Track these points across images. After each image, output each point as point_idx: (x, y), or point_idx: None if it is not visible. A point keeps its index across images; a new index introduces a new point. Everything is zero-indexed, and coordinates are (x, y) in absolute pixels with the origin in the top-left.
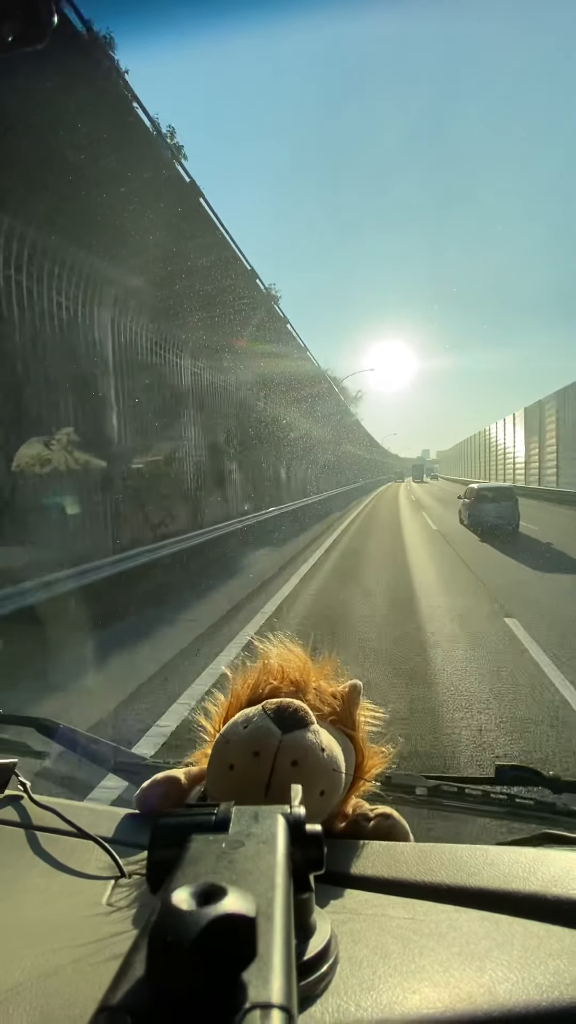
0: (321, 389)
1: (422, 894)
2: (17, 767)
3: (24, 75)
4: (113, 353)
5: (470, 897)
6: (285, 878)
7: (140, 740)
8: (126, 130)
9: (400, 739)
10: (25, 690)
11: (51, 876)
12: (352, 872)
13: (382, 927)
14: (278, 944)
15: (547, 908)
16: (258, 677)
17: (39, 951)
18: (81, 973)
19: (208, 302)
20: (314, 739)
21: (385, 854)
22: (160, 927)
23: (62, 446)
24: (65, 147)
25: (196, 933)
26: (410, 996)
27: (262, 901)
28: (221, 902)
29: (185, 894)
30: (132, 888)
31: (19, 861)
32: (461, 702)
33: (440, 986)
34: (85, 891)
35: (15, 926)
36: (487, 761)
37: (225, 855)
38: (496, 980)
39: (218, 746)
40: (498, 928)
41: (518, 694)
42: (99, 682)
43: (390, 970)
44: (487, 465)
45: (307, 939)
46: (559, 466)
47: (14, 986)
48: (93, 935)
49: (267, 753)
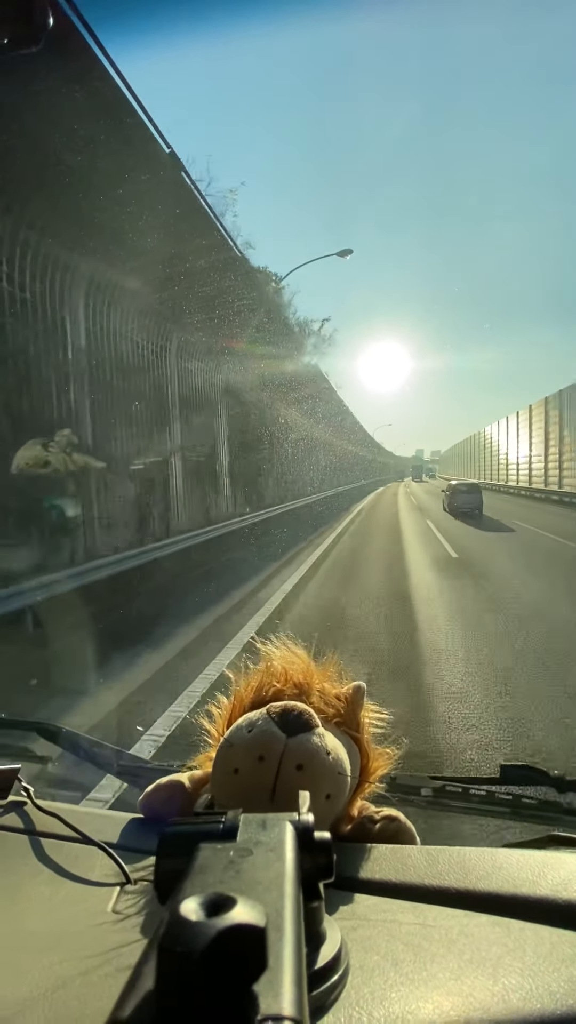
0: (319, 389)
1: (431, 898)
2: (20, 772)
3: (18, 75)
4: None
5: (480, 901)
6: (294, 887)
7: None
8: (125, 131)
9: (405, 741)
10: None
11: (56, 883)
12: (360, 876)
13: (392, 934)
14: (288, 955)
15: (558, 912)
16: (261, 680)
17: (46, 962)
18: (89, 985)
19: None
20: (319, 742)
21: (392, 857)
22: (169, 938)
23: (60, 448)
24: (63, 150)
25: (205, 944)
26: (423, 1005)
27: (271, 911)
28: (230, 912)
29: (194, 904)
30: (138, 895)
31: (23, 868)
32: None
33: (453, 995)
34: (90, 898)
35: (21, 935)
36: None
37: (233, 864)
38: (509, 988)
39: (222, 750)
40: (509, 933)
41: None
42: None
43: (402, 979)
44: (485, 465)
45: (317, 948)
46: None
47: (22, 999)
48: (100, 944)
49: (272, 757)
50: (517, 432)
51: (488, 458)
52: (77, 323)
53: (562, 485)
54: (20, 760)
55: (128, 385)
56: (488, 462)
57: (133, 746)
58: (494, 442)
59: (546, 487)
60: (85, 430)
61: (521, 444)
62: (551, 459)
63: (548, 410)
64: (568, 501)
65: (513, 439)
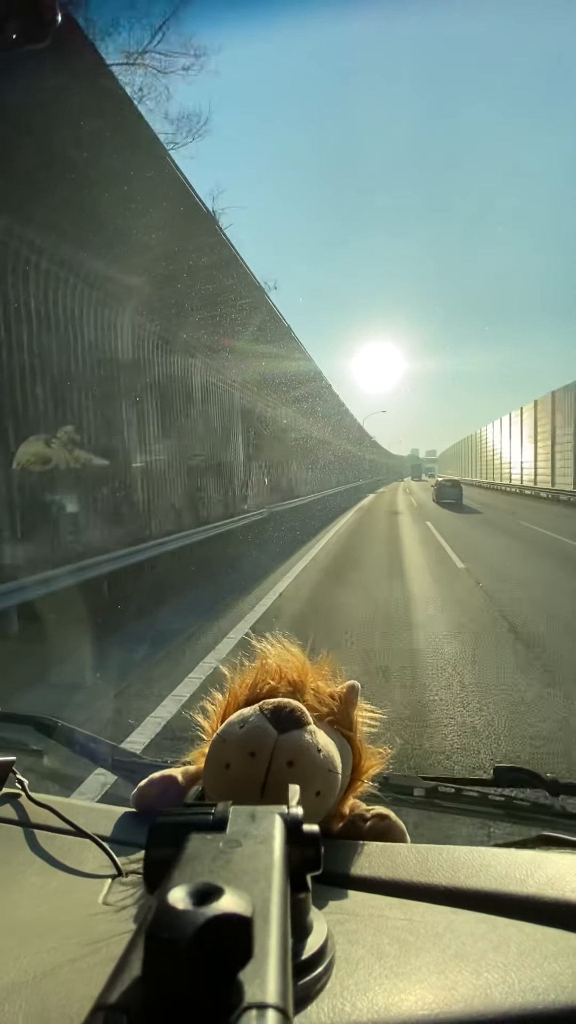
0: (320, 387)
1: (419, 895)
2: (15, 764)
3: (24, 73)
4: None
5: (467, 899)
6: (282, 878)
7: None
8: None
9: (398, 740)
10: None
11: (48, 874)
12: (349, 873)
13: (378, 928)
14: (274, 944)
15: (544, 910)
16: (256, 677)
17: (35, 950)
18: (77, 972)
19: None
20: (310, 739)
21: (382, 855)
22: (156, 926)
23: (62, 444)
24: (68, 146)
25: (192, 932)
26: (406, 998)
27: (259, 901)
28: (218, 902)
29: (182, 893)
30: (129, 887)
31: (16, 859)
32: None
33: (436, 988)
34: (82, 889)
35: (11, 924)
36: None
37: (222, 855)
38: (492, 983)
39: (215, 745)
40: (495, 930)
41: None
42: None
43: (386, 971)
44: (483, 465)
45: (303, 939)
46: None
47: (10, 985)
48: (90, 934)
49: (263, 753)
50: (510, 434)
51: (484, 458)
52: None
53: (554, 483)
54: (15, 753)
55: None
56: (484, 462)
57: (125, 739)
58: (489, 443)
59: (536, 485)
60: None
61: (514, 445)
62: (541, 459)
63: (538, 413)
64: (555, 498)
65: (507, 440)
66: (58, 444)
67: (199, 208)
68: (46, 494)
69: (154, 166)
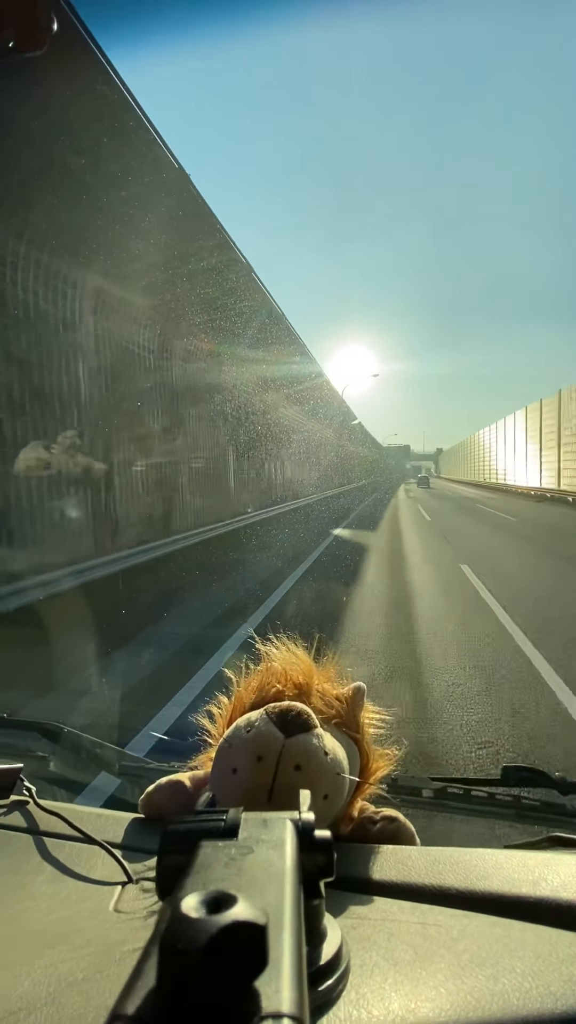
0: (320, 386)
1: (431, 899)
2: (22, 771)
3: (21, 79)
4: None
5: (479, 902)
6: (295, 885)
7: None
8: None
9: (405, 742)
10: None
11: (58, 882)
12: (359, 876)
13: (392, 933)
14: (289, 952)
15: (558, 913)
16: (261, 680)
17: (48, 960)
18: (91, 982)
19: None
20: (317, 743)
21: (392, 858)
22: (170, 935)
23: (63, 448)
24: (66, 152)
25: (206, 941)
26: (422, 1004)
27: (272, 908)
28: (231, 909)
29: (195, 901)
30: (139, 893)
31: (25, 867)
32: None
33: (452, 994)
34: (92, 897)
35: (23, 933)
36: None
37: (234, 862)
38: (509, 988)
39: (221, 750)
40: (509, 934)
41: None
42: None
43: (401, 977)
44: (480, 465)
45: (318, 946)
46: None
47: (25, 996)
48: (102, 942)
49: (270, 757)
50: (504, 438)
51: (480, 459)
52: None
53: (542, 483)
54: (22, 759)
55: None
56: (480, 463)
57: (130, 742)
58: (484, 446)
59: (527, 484)
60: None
61: (508, 448)
62: (531, 461)
63: (528, 419)
64: (543, 496)
65: (501, 444)
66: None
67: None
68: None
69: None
